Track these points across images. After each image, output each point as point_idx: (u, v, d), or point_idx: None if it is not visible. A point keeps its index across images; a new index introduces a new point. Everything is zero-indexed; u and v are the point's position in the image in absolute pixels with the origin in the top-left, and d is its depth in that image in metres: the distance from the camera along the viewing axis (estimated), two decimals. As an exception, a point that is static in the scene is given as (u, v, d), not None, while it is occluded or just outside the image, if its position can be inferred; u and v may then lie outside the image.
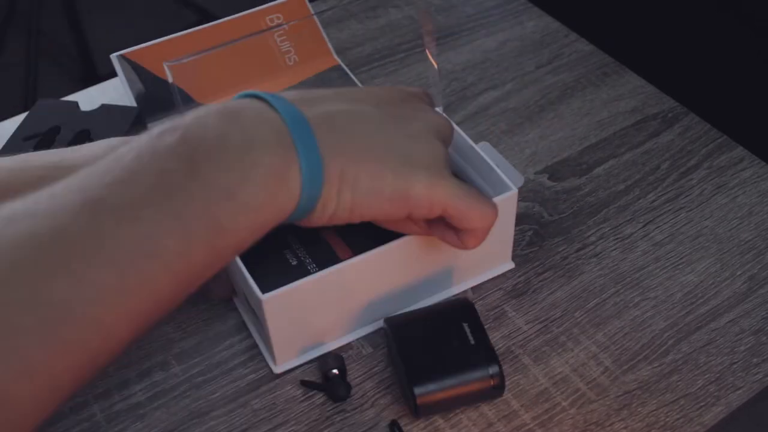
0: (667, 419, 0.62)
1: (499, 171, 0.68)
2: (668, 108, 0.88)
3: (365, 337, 0.68)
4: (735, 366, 0.65)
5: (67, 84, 2.02)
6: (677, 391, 0.64)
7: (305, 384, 0.64)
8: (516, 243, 0.75)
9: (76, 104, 0.84)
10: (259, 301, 0.61)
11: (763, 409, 0.65)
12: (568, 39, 0.97)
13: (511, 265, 0.73)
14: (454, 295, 0.71)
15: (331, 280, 0.62)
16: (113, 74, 0.89)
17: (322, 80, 0.91)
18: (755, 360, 0.66)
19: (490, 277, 0.72)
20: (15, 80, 1.96)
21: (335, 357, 0.65)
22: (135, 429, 0.62)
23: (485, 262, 0.71)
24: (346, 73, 0.93)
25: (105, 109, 0.84)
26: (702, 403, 0.63)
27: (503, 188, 0.68)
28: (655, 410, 0.63)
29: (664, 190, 0.79)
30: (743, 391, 0.64)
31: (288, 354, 0.66)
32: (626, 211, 0.78)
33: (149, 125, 0.83)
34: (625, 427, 0.62)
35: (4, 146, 0.80)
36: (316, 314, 0.64)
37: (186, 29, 0.90)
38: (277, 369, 0.66)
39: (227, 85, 0.80)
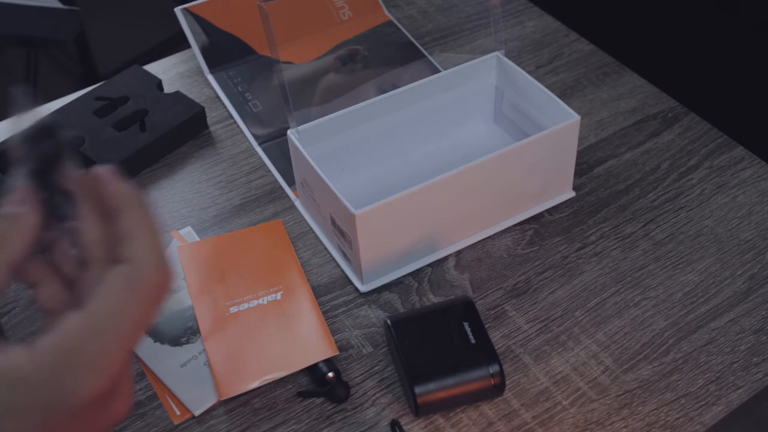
0: (668, 418, 0.62)
1: (559, 100, 0.73)
2: (668, 108, 0.88)
3: (365, 337, 0.68)
4: (735, 365, 0.65)
5: (67, 84, 2.01)
6: (678, 390, 0.64)
7: (303, 394, 0.64)
8: (516, 242, 0.75)
9: (159, 82, 0.88)
10: (351, 217, 0.64)
11: (763, 409, 0.65)
12: (568, 39, 0.97)
13: (572, 194, 0.78)
14: (517, 223, 0.76)
15: (417, 199, 0.67)
16: (113, 74, 0.90)
17: (375, 35, 0.95)
18: (755, 359, 0.66)
19: (553, 205, 0.77)
20: (15, 80, 1.96)
21: (328, 361, 0.65)
22: (135, 428, 0.62)
23: (549, 190, 0.76)
24: (399, 28, 0.96)
25: (177, 96, 0.87)
26: (702, 403, 0.63)
27: (565, 117, 0.72)
28: (655, 409, 0.63)
29: (664, 189, 0.79)
30: (743, 391, 0.64)
31: (373, 273, 0.70)
32: (626, 210, 0.78)
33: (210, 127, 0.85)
34: (625, 426, 0.62)
35: (80, 98, 0.86)
36: (400, 233, 0.69)
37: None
38: (364, 288, 0.71)
39: (291, 36, 0.91)
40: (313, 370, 0.65)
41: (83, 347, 0.35)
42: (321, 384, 0.64)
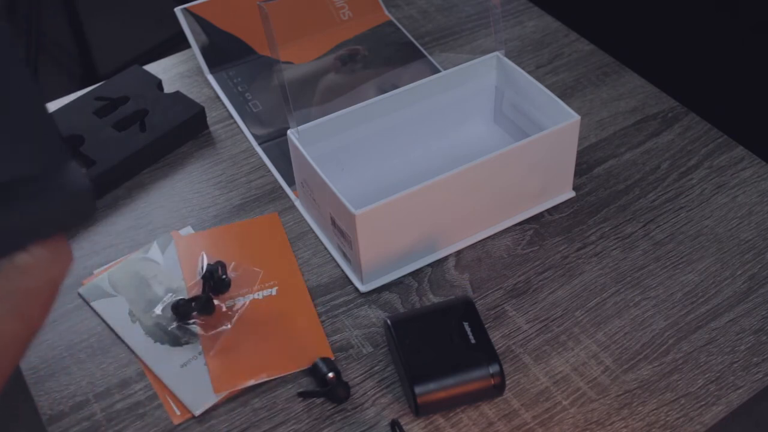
0: (668, 418, 0.62)
1: (559, 100, 0.73)
2: (668, 108, 0.88)
3: (365, 337, 0.68)
4: (735, 365, 0.65)
5: (67, 84, 2.01)
6: (678, 390, 0.64)
7: (304, 395, 0.64)
8: (516, 242, 0.75)
9: (159, 82, 0.88)
10: (351, 217, 0.64)
11: (763, 409, 0.65)
12: (568, 39, 0.97)
13: (572, 194, 0.78)
14: (517, 223, 0.76)
15: (417, 199, 0.67)
16: (113, 74, 0.90)
17: (375, 35, 0.95)
18: (755, 359, 0.66)
19: (553, 205, 0.77)
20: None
21: (328, 361, 0.65)
22: (135, 428, 0.62)
23: (549, 190, 0.76)
24: (399, 28, 0.96)
25: (177, 96, 0.87)
26: (702, 403, 0.63)
27: (565, 117, 0.72)
28: (655, 409, 0.63)
29: (664, 189, 0.79)
30: (743, 391, 0.64)
31: (373, 273, 0.70)
32: (626, 210, 0.78)
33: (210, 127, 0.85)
34: (625, 426, 0.62)
35: (80, 98, 0.86)
36: (400, 233, 0.69)
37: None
38: (364, 288, 0.71)
39: (291, 36, 0.91)
40: (313, 370, 0.65)
41: None
42: (321, 384, 0.64)
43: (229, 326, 0.68)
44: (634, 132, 0.85)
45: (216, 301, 0.69)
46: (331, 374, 0.64)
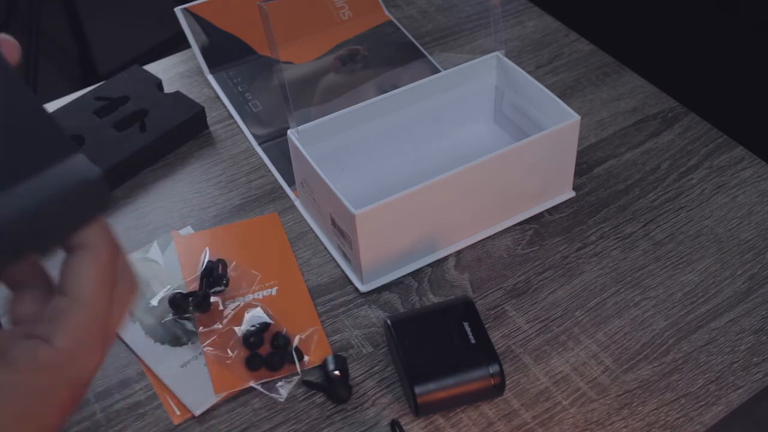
0: (668, 418, 0.62)
1: (559, 100, 0.73)
2: (668, 108, 0.88)
3: (365, 337, 0.68)
4: (735, 365, 0.65)
5: (67, 84, 2.01)
6: (678, 390, 0.64)
7: (307, 384, 0.64)
8: (516, 242, 0.75)
9: (160, 82, 0.88)
10: (351, 217, 0.64)
11: (763, 409, 0.65)
12: (568, 39, 0.97)
13: (572, 194, 0.78)
14: (517, 223, 0.76)
15: (417, 199, 0.67)
16: (113, 74, 0.90)
17: (375, 35, 0.95)
18: (755, 359, 0.66)
19: (552, 205, 0.77)
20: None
21: (338, 358, 0.65)
22: (135, 428, 0.62)
23: (549, 190, 0.76)
24: (399, 28, 0.96)
25: (177, 96, 0.87)
26: (702, 403, 0.63)
27: (565, 117, 0.72)
28: (655, 409, 0.63)
29: (664, 189, 0.79)
30: (743, 391, 0.64)
31: (373, 273, 0.70)
32: (626, 210, 0.78)
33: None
34: (625, 426, 0.62)
35: (80, 98, 0.86)
36: (400, 233, 0.69)
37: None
38: (364, 288, 0.71)
39: (291, 36, 0.91)
40: (322, 365, 0.65)
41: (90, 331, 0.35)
42: (327, 379, 0.64)
43: (229, 326, 0.68)
44: (634, 132, 0.85)
45: (215, 298, 0.69)
46: (336, 372, 0.64)
